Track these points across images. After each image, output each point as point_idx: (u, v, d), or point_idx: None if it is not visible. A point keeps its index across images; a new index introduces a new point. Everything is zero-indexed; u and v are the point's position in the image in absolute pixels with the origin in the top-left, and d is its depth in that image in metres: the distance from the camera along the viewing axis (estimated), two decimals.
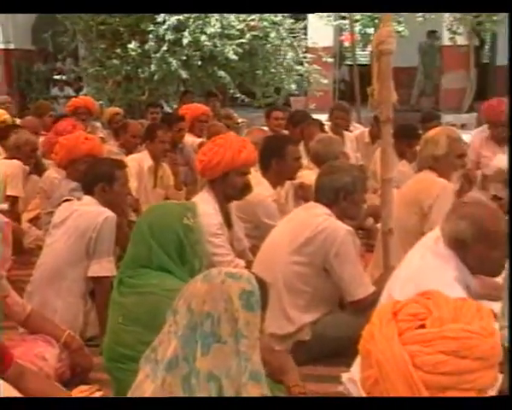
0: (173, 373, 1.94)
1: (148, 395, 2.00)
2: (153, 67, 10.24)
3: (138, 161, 5.21)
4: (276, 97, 11.11)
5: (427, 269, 2.69)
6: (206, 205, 3.73)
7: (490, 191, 5.85)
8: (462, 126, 12.03)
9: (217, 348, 1.91)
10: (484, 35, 14.99)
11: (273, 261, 3.40)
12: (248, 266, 3.60)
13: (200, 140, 6.15)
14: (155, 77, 10.31)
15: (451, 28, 14.15)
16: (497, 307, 2.71)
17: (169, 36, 10.08)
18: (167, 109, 10.09)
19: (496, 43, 16.38)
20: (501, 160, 5.80)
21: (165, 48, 10.10)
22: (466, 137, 6.56)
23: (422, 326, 1.55)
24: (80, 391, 2.85)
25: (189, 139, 6.24)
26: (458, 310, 1.57)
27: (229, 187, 3.86)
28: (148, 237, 2.64)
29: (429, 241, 2.85)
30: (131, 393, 2.09)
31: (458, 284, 2.61)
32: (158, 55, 10.14)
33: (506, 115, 5.90)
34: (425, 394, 1.46)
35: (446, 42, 14.82)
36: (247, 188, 3.90)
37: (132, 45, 10.25)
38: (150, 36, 10.22)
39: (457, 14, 13.63)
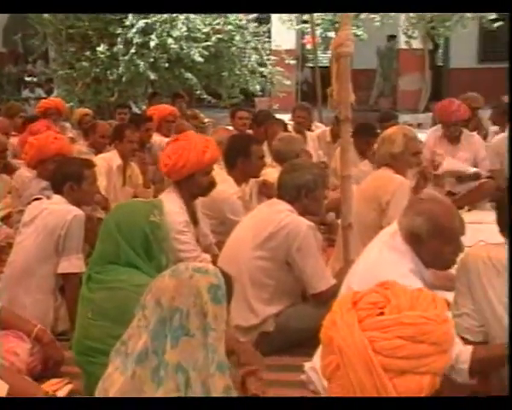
0: (143, 366, 1.95)
1: (117, 386, 2.00)
2: (121, 70, 10.15)
3: (107, 161, 5.17)
4: (241, 98, 11.12)
5: (385, 262, 2.72)
6: (171, 203, 3.71)
7: (445, 187, 5.98)
8: (419, 126, 12.19)
9: (185, 341, 1.92)
10: (438, 39, 15.20)
11: (238, 256, 3.40)
12: (214, 260, 3.60)
13: (167, 140, 6.11)
14: (124, 79, 10.22)
15: (407, 32, 14.34)
16: (450, 296, 2.78)
17: (137, 39, 9.99)
18: (136, 110, 10.01)
19: (449, 47, 16.68)
20: (450, 163, 5.95)
21: (133, 50, 10.01)
22: (422, 135, 6.66)
23: (381, 314, 1.58)
24: (52, 384, 2.85)
25: (157, 139, 6.21)
26: (415, 299, 1.60)
27: (194, 187, 3.84)
28: (115, 234, 2.63)
29: (386, 235, 2.88)
30: (101, 385, 2.07)
31: (414, 276, 2.64)
32: (126, 57, 10.05)
33: (457, 115, 6.02)
34: (384, 377, 1.49)
35: (403, 45, 15.02)
36: (211, 185, 3.89)
37: (101, 48, 10.14)
38: (118, 39, 10.12)
39: (413, 19, 13.82)
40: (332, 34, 13.83)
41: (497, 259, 2.62)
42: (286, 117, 6.94)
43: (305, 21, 13.07)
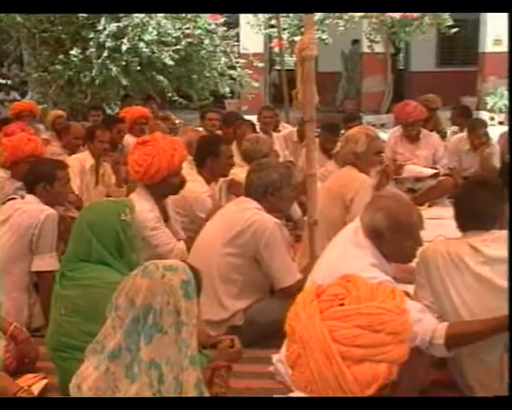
0: (116, 362, 1.95)
1: (91, 381, 1.99)
2: (94, 73, 10.05)
3: (80, 161, 5.12)
4: (212, 100, 11.09)
5: (347, 257, 2.74)
6: (142, 202, 3.69)
7: (405, 184, 6.05)
8: (382, 126, 12.35)
9: (159, 337, 1.93)
10: (399, 44, 15.40)
11: (208, 253, 3.39)
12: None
13: None
14: (96, 81, 10.13)
15: (370, 37, 14.48)
16: (411, 288, 2.82)
17: (109, 43, 9.90)
18: (110, 112, 9.93)
19: (409, 51, 16.91)
20: (409, 170, 6.05)
21: (105, 54, 9.92)
22: (385, 135, 6.77)
23: (342, 305, 1.59)
24: (27, 380, 2.82)
25: (130, 140, 6.14)
26: (375, 291, 1.61)
27: (165, 187, 3.83)
28: (87, 233, 2.62)
29: (349, 231, 2.90)
30: (74, 380, 2.06)
31: (376, 270, 2.67)
32: (99, 61, 9.95)
33: (413, 116, 6.12)
34: (342, 364, 1.49)
35: (366, 49, 15.15)
36: (181, 184, 3.88)
37: (74, 52, 10.03)
38: (91, 43, 10.02)
39: (375, 25, 13.96)
40: (298, 38, 13.88)
41: (455, 253, 2.65)
42: (255, 118, 6.94)
43: (272, 26, 13.07)
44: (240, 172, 4.64)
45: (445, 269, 2.65)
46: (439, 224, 4.03)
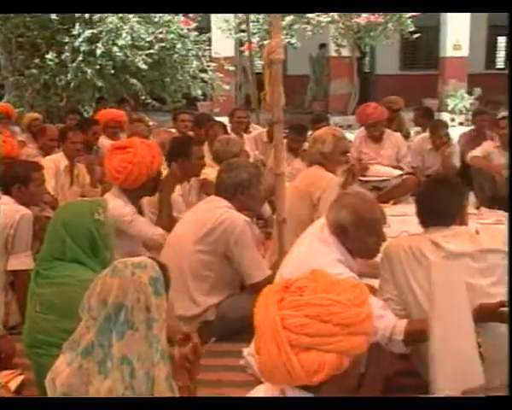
0: (89, 359, 1.93)
1: (64, 376, 1.97)
2: (69, 76, 9.91)
3: (55, 162, 5.05)
4: (184, 102, 11.02)
5: (314, 253, 2.76)
6: (118, 200, 3.70)
7: (371, 183, 6.10)
8: (348, 127, 12.42)
9: (130, 334, 1.92)
10: (364, 48, 15.53)
11: (180, 250, 3.39)
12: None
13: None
14: (72, 85, 9.99)
15: (337, 41, 14.58)
16: (376, 282, 2.85)
17: (84, 47, 9.78)
18: (85, 115, 9.81)
19: (374, 56, 17.06)
20: (375, 171, 6.11)
21: (80, 58, 9.80)
22: (351, 136, 6.81)
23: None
24: (4, 376, 2.79)
25: (105, 142, 6.06)
26: (332, 284, 1.61)
27: (142, 191, 3.84)
28: (62, 232, 2.59)
29: (316, 228, 2.92)
30: (49, 376, 2.04)
31: (341, 265, 2.69)
32: (74, 64, 9.82)
33: (373, 117, 6.21)
34: (290, 352, 1.50)
35: (333, 53, 15.23)
36: (157, 186, 3.89)
37: (50, 56, 9.87)
38: (66, 47, 9.88)
39: (341, 30, 14.08)
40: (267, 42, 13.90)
41: (417, 248, 2.67)
42: (226, 120, 6.93)
43: (242, 31, 13.09)
44: (211, 172, 4.62)
45: (408, 264, 2.66)
46: (403, 220, 4.06)
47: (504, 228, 2.85)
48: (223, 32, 14.34)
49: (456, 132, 7.50)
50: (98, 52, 9.72)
